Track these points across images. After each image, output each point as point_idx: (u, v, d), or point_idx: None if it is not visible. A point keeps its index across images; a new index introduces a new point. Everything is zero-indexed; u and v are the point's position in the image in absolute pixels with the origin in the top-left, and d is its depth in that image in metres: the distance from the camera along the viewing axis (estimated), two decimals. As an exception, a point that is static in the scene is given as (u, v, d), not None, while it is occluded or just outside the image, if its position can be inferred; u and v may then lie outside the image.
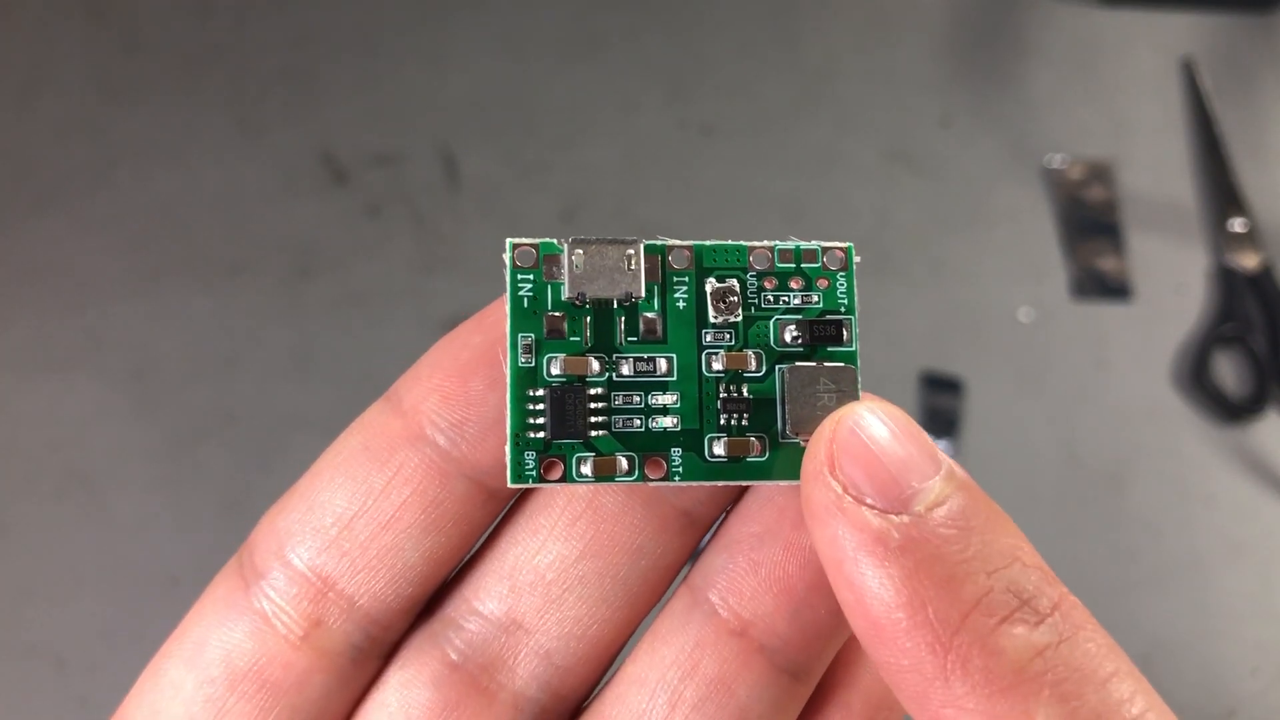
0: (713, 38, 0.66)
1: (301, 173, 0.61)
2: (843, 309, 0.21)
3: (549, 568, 0.21)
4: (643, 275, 0.20)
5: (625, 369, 0.20)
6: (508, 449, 0.19)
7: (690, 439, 0.20)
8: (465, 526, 0.21)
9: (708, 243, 0.20)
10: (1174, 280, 0.60)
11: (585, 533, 0.21)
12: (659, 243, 0.20)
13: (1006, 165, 0.63)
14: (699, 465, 0.20)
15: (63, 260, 0.59)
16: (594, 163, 0.62)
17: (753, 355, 0.20)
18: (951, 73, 0.66)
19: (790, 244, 0.21)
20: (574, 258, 0.20)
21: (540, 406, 0.19)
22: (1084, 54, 0.66)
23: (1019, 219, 0.61)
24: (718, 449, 0.20)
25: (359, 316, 0.58)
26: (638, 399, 0.20)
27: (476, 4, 0.66)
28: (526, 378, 0.20)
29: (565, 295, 0.20)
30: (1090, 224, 0.61)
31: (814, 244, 0.21)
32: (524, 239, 0.20)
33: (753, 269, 0.20)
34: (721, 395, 0.20)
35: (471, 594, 0.21)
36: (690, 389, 0.20)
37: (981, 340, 0.58)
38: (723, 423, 0.20)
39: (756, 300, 0.20)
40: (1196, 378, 0.57)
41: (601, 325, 0.20)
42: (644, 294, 0.20)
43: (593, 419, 0.20)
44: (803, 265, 0.21)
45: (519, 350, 0.20)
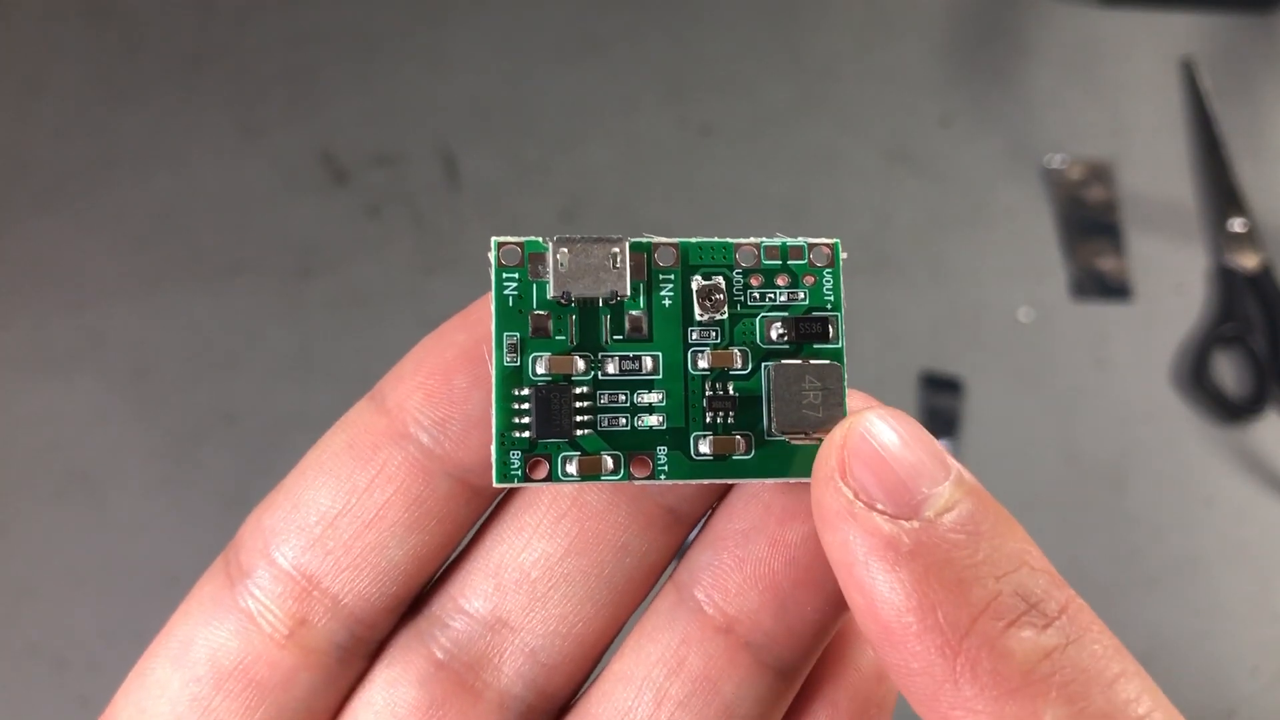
0: (712, 38, 0.66)
1: (301, 173, 0.61)
2: (829, 306, 0.20)
3: (534, 565, 0.21)
4: (628, 273, 0.20)
5: (611, 368, 0.20)
6: (493, 448, 0.19)
7: (676, 437, 0.20)
8: (449, 525, 0.21)
9: (693, 240, 0.20)
10: (1174, 280, 0.60)
11: (570, 530, 0.21)
12: (644, 240, 0.20)
13: (1006, 165, 0.63)
14: (685, 463, 0.20)
15: (63, 260, 0.59)
16: (594, 163, 0.62)
17: (738, 353, 0.20)
18: (951, 73, 0.66)
19: (776, 241, 0.20)
20: (559, 256, 0.20)
21: (525, 406, 0.19)
22: (1084, 54, 0.66)
23: (1019, 219, 0.61)
24: (703, 447, 0.20)
25: (359, 316, 0.58)
26: (623, 398, 0.20)
27: (476, 4, 0.66)
28: (512, 377, 0.20)
29: (550, 294, 0.20)
30: (1090, 224, 0.61)
31: (800, 240, 0.20)
32: (509, 237, 0.20)
33: (739, 266, 0.20)
34: (707, 393, 0.20)
35: (457, 592, 0.21)
36: (676, 387, 0.20)
37: (981, 340, 0.58)
38: (708, 421, 0.20)
39: (742, 297, 0.20)
40: (1196, 378, 0.57)
41: (587, 324, 0.20)
42: (629, 292, 0.20)
43: (578, 418, 0.20)
44: (789, 262, 0.20)
45: (504, 349, 0.20)
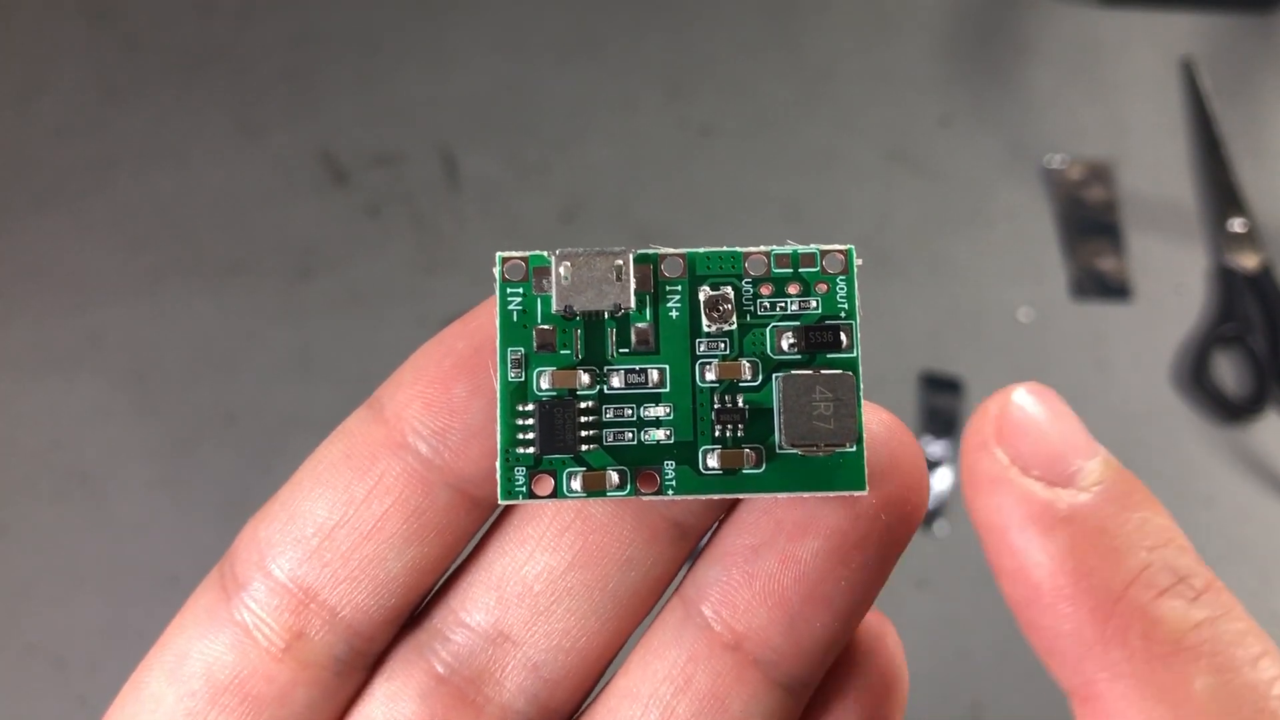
0: (712, 38, 0.66)
1: (301, 173, 0.61)
2: (843, 314, 0.20)
3: (537, 579, 0.20)
4: (632, 285, 0.19)
5: (616, 381, 0.20)
6: (498, 465, 0.19)
7: (684, 451, 0.20)
8: (449, 536, 0.20)
9: (701, 250, 0.20)
10: (1174, 280, 0.60)
11: (574, 543, 0.20)
12: (651, 251, 0.20)
13: (1006, 165, 0.63)
14: (693, 478, 0.19)
15: (63, 260, 0.59)
16: (594, 163, 0.62)
17: (747, 364, 0.20)
18: (951, 73, 0.66)
19: (787, 248, 0.20)
20: (561, 270, 0.19)
21: (530, 422, 0.19)
22: (1084, 54, 0.66)
23: (1019, 219, 0.61)
24: (711, 461, 0.19)
25: (359, 316, 0.58)
26: (630, 412, 0.20)
27: (476, 4, 0.66)
28: (516, 393, 0.19)
29: (554, 308, 0.19)
30: (1090, 224, 0.61)
31: (812, 248, 0.20)
32: (513, 253, 0.20)
33: (748, 275, 0.20)
34: (715, 406, 0.20)
35: (458, 605, 0.21)
36: (683, 400, 0.20)
37: (981, 340, 0.58)
38: (717, 435, 0.19)
39: (752, 307, 0.20)
40: (1196, 378, 0.57)
41: (593, 337, 0.20)
42: (634, 304, 0.19)
43: (583, 433, 0.19)
44: (800, 270, 0.20)
45: (509, 365, 0.19)
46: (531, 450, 0.19)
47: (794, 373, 0.19)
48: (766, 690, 0.20)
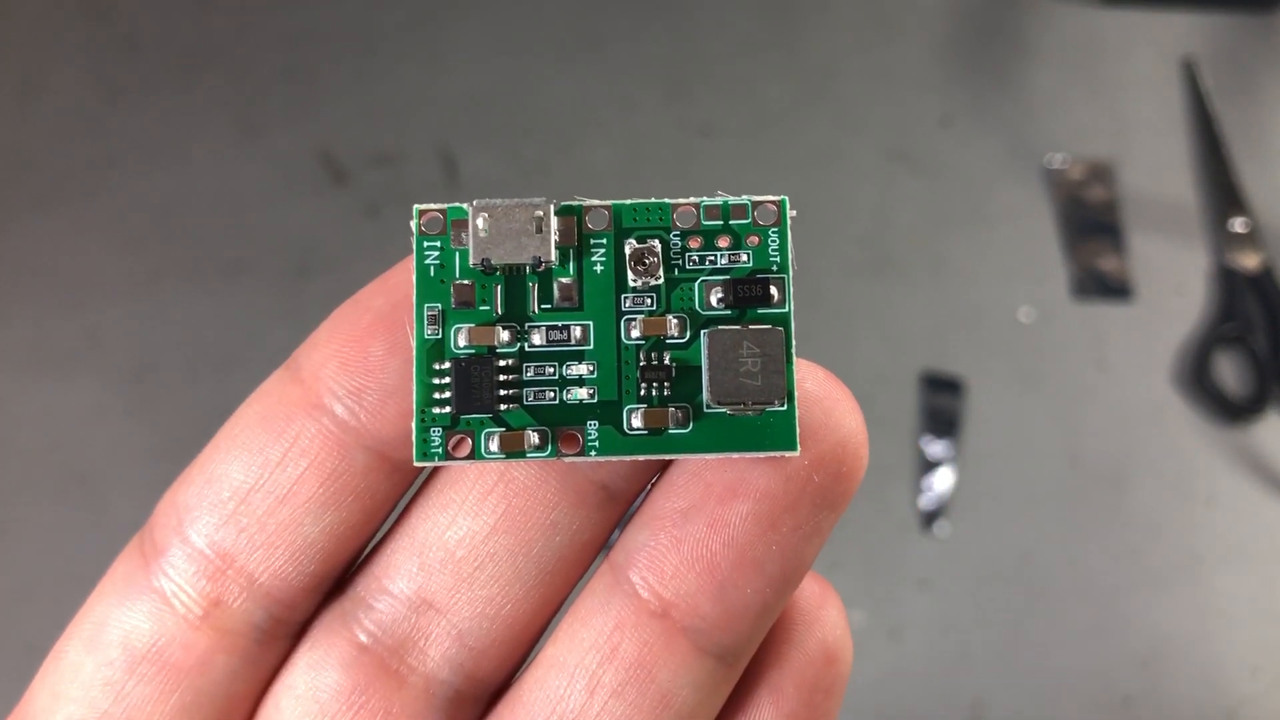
0: (712, 37, 0.66)
1: (301, 173, 0.61)
2: (775, 268, 0.19)
3: (459, 544, 0.20)
4: (553, 238, 0.19)
5: (537, 338, 0.19)
6: (413, 425, 0.18)
7: (607, 411, 0.19)
8: (368, 501, 0.20)
9: (627, 201, 0.19)
10: (1174, 280, 0.60)
11: (496, 507, 0.20)
12: (575, 203, 0.19)
13: (1007, 165, 0.63)
14: (617, 439, 0.19)
15: (62, 260, 0.59)
16: (594, 163, 0.62)
17: (674, 320, 0.19)
18: (951, 73, 0.65)
19: (717, 200, 0.19)
20: (479, 221, 0.18)
21: (446, 380, 0.18)
22: (1084, 54, 0.66)
23: (1019, 219, 0.61)
24: (636, 421, 0.19)
25: (359, 316, 0.57)
26: (551, 370, 0.19)
27: (476, 4, 0.66)
28: (433, 351, 0.19)
29: (470, 261, 0.19)
30: (1090, 224, 0.61)
31: (744, 199, 0.19)
32: (430, 205, 0.19)
33: (676, 228, 0.19)
34: (641, 364, 0.19)
35: (381, 572, 0.20)
36: (608, 358, 0.19)
37: (981, 340, 0.58)
38: (642, 393, 0.19)
39: (681, 261, 0.19)
40: (1197, 378, 0.57)
41: (513, 293, 0.19)
42: (554, 258, 0.19)
43: (502, 392, 0.18)
44: (731, 222, 0.19)
45: (425, 322, 0.19)
46: (448, 410, 0.18)
47: (720, 328, 0.18)
48: (696, 659, 0.20)
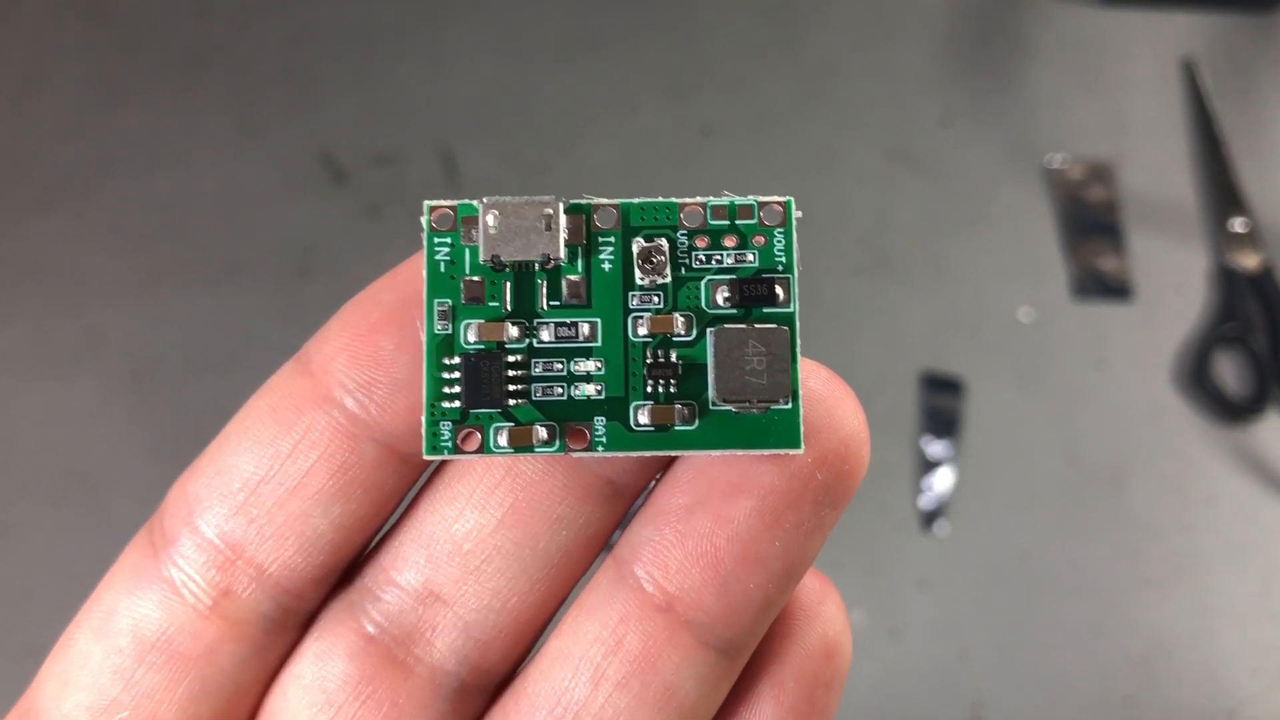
0: (712, 37, 0.66)
1: (301, 173, 0.61)
2: (780, 267, 0.19)
3: (466, 537, 0.20)
4: (562, 236, 0.19)
5: (545, 334, 0.19)
6: (423, 419, 0.19)
7: (614, 407, 0.19)
8: (377, 493, 0.20)
9: (635, 200, 0.19)
10: (1174, 280, 0.60)
11: (503, 501, 0.20)
12: (584, 202, 0.19)
13: (1006, 165, 0.63)
14: (623, 435, 0.19)
15: (63, 260, 0.59)
16: (594, 163, 0.62)
17: (681, 318, 0.19)
18: (951, 72, 0.65)
19: (724, 200, 0.19)
20: (489, 219, 0.19)
21: (456, 375, 0.19)
22: (1084, 54, 0.66)
23: (1019, 219, 0.61)
24: (642, 417, 0.19)
25: (359, 316, 0.57)
26: (559, 366, 0.19)
27: (476, 4, 0.66)
28: (442, 346, 0.19)
29: (481, 258, 0.19)
30: (1090, 224, 0.61)
31: (750, 199, 0.19)
32: (441, 201, 0.19)
33: (684, 227, 0.19)
34: (648, 361, 0.19)
35: (389, 563, 0.21)
36: (615, 355, 0.19)
37: (981, 340, 0.58)
38: (649, 390, 0.19)
39: (687, 260, 0.19)
40: (1197, 378, 0.57)
41: (523, 290, 0.19)
42: (564, 256, 0.19)
43: (511, 387, 0.19)
44: (737, 222, 0.19)
45: (435, 317, 0.19)
46: (457, 404, 0.19)
47: (726, 326, 0.19)
48: (699, 653, 0.20)
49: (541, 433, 0.19)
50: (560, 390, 0.19)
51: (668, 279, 0.19)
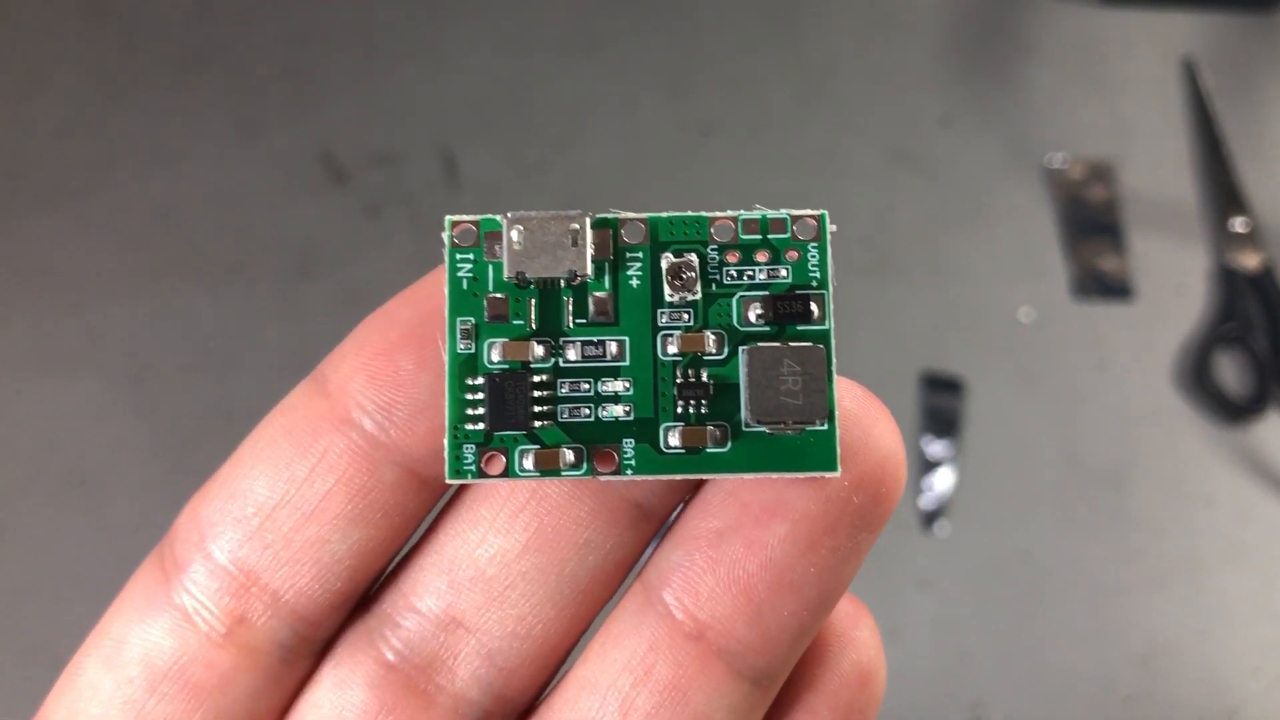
0: (712, 37, 0.66)
1: (301, 173, 0.61)
2: (815, 283, 0.19)
3: (490, 563, 0.19)
4: (589, 251, 0.18)
5: (572, 353, 0.18)
6: (445, 442, 0.18)
7: (644, 429, 0.18)
8: (396, 518, 0.20)
9: (664, 214, 0.19)
10: (1175, 280, 0.60)
11: (529, 525, 0.19)
12: (610, 216, 0.19)
13: (1007, 165, 0.63)
14: (653, 457, 0.18)
15: (63, 260, 0.59)
16: (594, 163, 0.62)
17: (712, 336, 0.18)
18: (952, 72, 0.65)
19: (756, 213, 0.19)
20: (513, 234, 0.18)
21: (479, 396, 0.18)
22: (1084, 54, 0.66)
23: (1019, 219, 0.61)
24: (673, 439, 0.18)
25: (359, 316, 0.57)
26: (586, 386, 0.18)
27: (476, 4, 0.66)
28: (465, 365, 0.18)
29: (505, 275, 0.18)
30: (1091, 224, 0.61)
31: (783, 213, 0.19)
32: (463, 216, 0.19)
33: (714, 242, 0.19)
34: (678, 381, 0.18)
35: (409, 589, 0.20)
36: (644, 375, 0.18)
37: (981, 340, 0.58)
38: (679, 411, 0.18)
39: (718, 276, 0.19)
40: (1197, 378, 0.57)
41: (548, 307, 0.19)
42: (591, 272, 0.18)
43: (536, 408, 0.18)
44: (770, 236, 0.19)
45: (457, 336, 0.18)
46: (481, 426, 0.18)
47: (760, 345, 0.18)
48: (731, 682, 0.19)
49: (568, 456, 0.18)
50: (587, 411, 0.18)
51: (698, 295, 0.19)
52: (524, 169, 0.61)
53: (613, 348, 0.19)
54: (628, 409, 0.18)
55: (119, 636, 0.20)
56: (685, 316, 0.19)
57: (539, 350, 0.18)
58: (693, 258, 0.19)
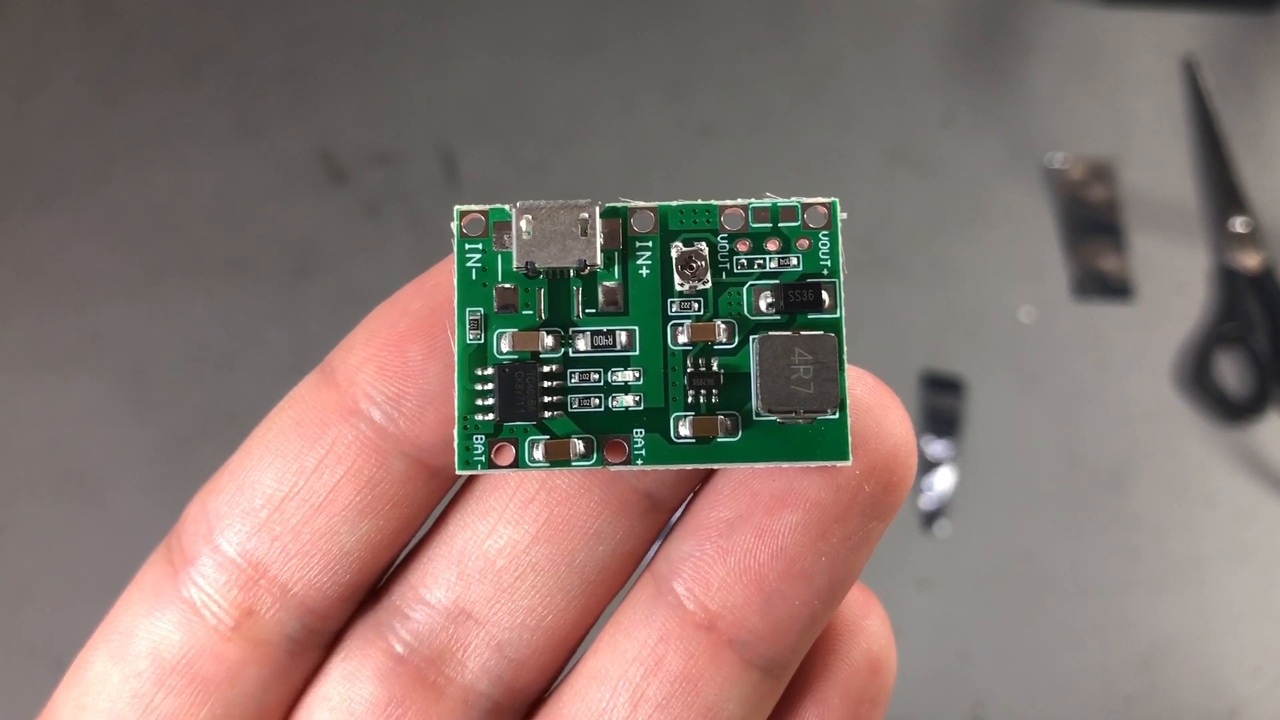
0: (712, 37, 0.66)
1: (301, 173, 0.61)
2: (825, 271, 0.18)
3: (499, 554, 0.19)
4: (599, 241, 0.18)
5: (582, 344, 0.18)
6: (455, 432, 0.18)
7: (654, 419, 0.18)
8: (406, 509, 0.19)
9: (673, 203, 0.19)
10: (1175, 280, 0.60)
11: (539, 516, 0.19)
12: (620, 205, 0.19)
13: (1007, 165, 0.63)
14: (664, 447, 0.18)
15: (63, 260, 0.59)
16: (594, 162, 0.61)
17: (723, 326, 0.18)
18: (952, 72, 0.65)
19: (766, 201, 0.19)
20: (522, 224, 0.18)
21: (489, 386, 0.18)
22: (1085, 53, 0.66)
23: (1019, 218, 0.61)
24: (684, 429, 0.18)
25: (359, 316, 0.57)
26: (596, 376, 0.18)
27: (476, 4, 0.66)
28: (475, 356, 0.18)
29: (514, 265, 0.18)
30: (1091, 223, 0.61)
31: (793, 201, 0.19)
32: (472, 206, 0.18)
33: (724, 230, 0.18)
34: (688, 370, 0.18)
35: (418, 581, 0.20)
36: (654, 364, 0.18)
37: (982, 340, 0.58)
38: (690, 400, 0.18)
39: (728, 265, 0.18)
40: (1197, 378, 0.57)
41: (557, 297, 0.18)
42: (600, 261, 0.18)
43: (546, 398, 0.18)
44: (780, 225, 0.19)
45: (467, 326, 0.18)
46: (491, 417, 0.18)
47: (771, 334, 0.18)
48: (742, 672, 0.19)
49: (579, 446, 0.18)
50: (597, 401, 0.18)
51: (708, 284, 0.18)
52: (524, 169, 0.61)
53: (623, 337, 0.18)
54: (638, 399, 0.18)
55: (127, 629, 0.20)
56: (695, 306, 0.18)
57: (549, 340, 0.18)
58: (703, 247, 0.18)
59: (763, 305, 0.18)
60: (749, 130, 0.63)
